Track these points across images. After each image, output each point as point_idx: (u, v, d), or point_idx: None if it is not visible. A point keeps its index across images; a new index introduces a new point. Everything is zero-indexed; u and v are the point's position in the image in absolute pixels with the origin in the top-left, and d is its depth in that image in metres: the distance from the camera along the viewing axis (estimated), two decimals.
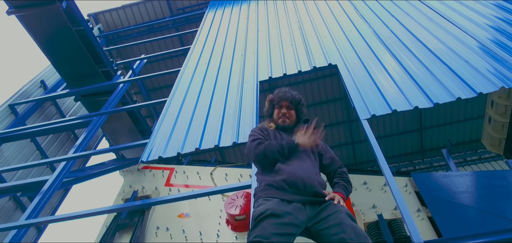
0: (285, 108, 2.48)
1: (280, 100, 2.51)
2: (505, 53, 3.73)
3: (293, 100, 2.51)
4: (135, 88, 8.82)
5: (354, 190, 3.35)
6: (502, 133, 3.95)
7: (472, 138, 9.51)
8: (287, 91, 2.55)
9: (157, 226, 3.66)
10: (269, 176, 2.18)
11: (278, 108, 2.51)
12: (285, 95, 2.51)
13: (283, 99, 2.50)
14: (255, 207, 2.08)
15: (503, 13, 4.54)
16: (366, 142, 3.01)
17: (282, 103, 2.50)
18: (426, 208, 2.94)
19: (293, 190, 2.07)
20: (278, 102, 2.52)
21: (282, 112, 2.47)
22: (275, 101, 2.54)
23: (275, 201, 2.02)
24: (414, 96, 3.50)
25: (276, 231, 1.84)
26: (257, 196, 2.17)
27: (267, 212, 1.92)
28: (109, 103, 5.87)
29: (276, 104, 2.53)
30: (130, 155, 5.63)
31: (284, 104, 2.49)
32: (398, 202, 2.48)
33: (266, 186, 2.15)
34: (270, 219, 1.89)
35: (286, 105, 2.49)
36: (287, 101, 2.49)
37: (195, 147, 3.71)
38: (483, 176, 3.18)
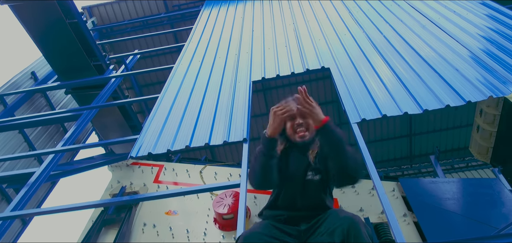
0: (299, 117, 2.03)
1: None
2: (495, 63, 3.79)
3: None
4: (127, 84, 8.74)
5: (342, 193, 3.36)
6: (489, 142, 4.01)
7: (460, 145, 9.65)
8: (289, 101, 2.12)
9: (144, 223, 3.63)
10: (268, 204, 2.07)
11: (290, 121, 2.04)
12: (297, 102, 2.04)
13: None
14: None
15: (494, 24, 4.61)
16: (355, 145, 3.02)
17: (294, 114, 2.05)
18: (412, 213, 2.96)
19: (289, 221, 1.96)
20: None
21: (297, 123, 2.01)
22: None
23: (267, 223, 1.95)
24: (404, 102, 3.53)
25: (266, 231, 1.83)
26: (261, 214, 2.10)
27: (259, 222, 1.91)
28: (100, 98, 5.80)
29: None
30: (119, 150, 5.57)
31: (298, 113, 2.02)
32: (385, 206, 2.49)
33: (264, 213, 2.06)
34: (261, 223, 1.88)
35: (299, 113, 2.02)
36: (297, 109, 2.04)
37: (185, 144, 3.69)
38: (469, 184, 3.22)
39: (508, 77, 3.51)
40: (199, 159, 4.82)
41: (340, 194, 3.38)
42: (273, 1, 7.39)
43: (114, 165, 4.49)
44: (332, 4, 6.57)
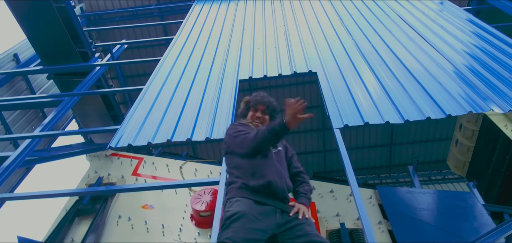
0: (260, 112, 2.45)
1: (257, 103, 2.48)
2: (477, 79, 3.86)
3: (270, 106, 2.49)
4: (112, 73, 8.55)
5: (320, 197, 3.36)
6: (467, 156, 4.09)
7: (439, 158, 9.85)
8: (265, 96, 2.54)
9: (119, 215, 3.55)
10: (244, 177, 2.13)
11: (253, 111, 2.47)
12: (262, 100, 2.49)
13: (260, 103, 2.47)
14: (228, 206, 2.04)
15: (480, 42, 4.71)
16: (337, 151, 3.04)
17: (258, 107, 2.47)
18: (387, 221, 2.98)
19: (268, 193, 2.05)
20: (254, 105, 2.49)
21: (257, 116, 2.44)
22: (251, 103, 2.51)
23: (249, 202, 1.99)
24: (387, 111, 3.56)
25: (247, 235, 1.82)
26: (231, 194, 2.11)
27: (239, 213, 1.89)
28: (83, 85, 5.67)
29: (251, 106, 2.50)
30: (99, 140, 5.44)
31: (260, 108, 2.46)
32: (361, 212, 2.50)
33: (242, 184, 2.10)
34: (242, 222, 1.86)
35: (262, 110, 2.46)
36: (263, 105, 2.47)
37: (166, 138, 3.63)
38: (444, 196, 3.27)
39: (489, 94, 3.59)
40: (180, 154, 4.75)
41: (318, 198, 3.38)
42: (266, 2, 7.38)
43: (92, 154, 4.38)
44: (324, 10, 6.61)
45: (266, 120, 2.45)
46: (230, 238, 1.80)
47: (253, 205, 1.97)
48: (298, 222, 1.98)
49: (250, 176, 2.11)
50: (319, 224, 3.06)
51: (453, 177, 9.37)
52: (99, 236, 3.46)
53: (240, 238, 1.80)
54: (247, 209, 1.93)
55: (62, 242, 3.57)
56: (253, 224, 1.87)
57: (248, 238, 1.81)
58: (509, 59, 4.18)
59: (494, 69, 4.00)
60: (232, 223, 1.87)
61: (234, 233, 1.81)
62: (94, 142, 5.35)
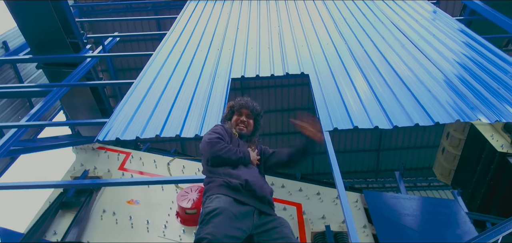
0: (245, 116, 2.51)
1: (241, 107, 2.53)
2: (466, 89, 3.91)
3: (254, 110, 2.55)
4: (102, 65, 8.43)
5: (307, 199, 3.36)
6: (452, 164, 4.14)
7: (425, 165, 9.97)
8: (249, 100, 2.59)
9: (103, 209, 3.50)
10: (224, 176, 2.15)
11: (237, 115, 2.53)
12: (247, 104, 2.55)
13: (244, 107, 2.53)
14: (207, 202, 2.04)
15: (470, 52, 4.77)
16: (325, 154, 3.05)
17: (242, 111, 2.53)
18: (372, 225, 3.00)
19: (247, 192, 2.06)
20: (238, 109, 2.54)
21: (241, 120, 2.49)
22: (235, 107, 2.56)
23: (228, 200, 1.99)
24: (376, 116, 3.58)
25: (227, 232, 1.82)
26: (211, 192, 2.11)
27: (219, 209, 1.88)
28: (73, 76, 5.58)
29: (236, 110, 2.55)
30: (86, 132, 5.35)
31: (244, 112, 2.52)
32: (346, 216, 2.50)
33: (223, 182, 2.11)
34: (222, 218, 1.85)
35: (246, 114, 2.52)
36: (247, 110, 2.53)
37: (155, 133, 3.59)
38: (429, 202, 3.30)
39: (476, 104, 3.63)
40: (168, 151, 4.70)
41: (304, 199, 3.38)
42: (261, 2, 7.37)
43: (79, 147, 4.30)
44: (318, 13, 6.63)
45: (250, 125, 2.51)
46: (210, 234, 1.78)
47: (233, 203, 1.98)
48: (275, 225, 2.00)
49: (228, 176, 2.13)
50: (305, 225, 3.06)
51: (439, 184, 9.51)
52: (82, 230, 3.41)
53: (221, 233, 1.78)
54: (226, 205, 1.93)
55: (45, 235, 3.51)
56: (233, 222, 1.87)
57: (228, 234, 1.81)
58: (497, 70, 4.24)
59: (483, 79, 4.05)
60: (212, 219, 1.86)
61: (215, 229, 1.80)
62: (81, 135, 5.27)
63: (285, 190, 3.30)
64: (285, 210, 3.34)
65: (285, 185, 3.64)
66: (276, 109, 9.21)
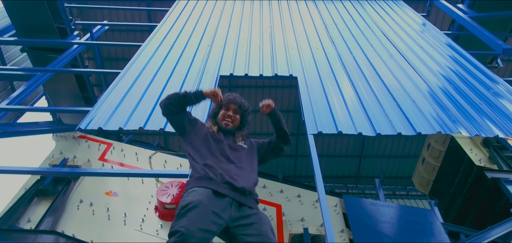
0: (231, 111, 2.51)
1: (229, 102, 2.52)
2: (449, 102, 3.98)
3: (242, 106, 2.55)
4: (89, 53, 8.25)
5: (287, 200, 3.37)
6: (431, 175, 4.22)
7: (405, 174, 10.13)
8: (237, 96, 2.60)
9: (80, 199, 3.42)
10: (203, 169, 2.15)
11: (224, 110, 2.52)
12: (235, 99, 2.55)
13: (232, 102, 2.53)
14: (184, 195, 2.03)
15: (455, 66, 4.86)
16: (308, 157, 3.06)
17: (230, 106, 2.52)
18: (349, 230, 3.02)
19: (226, 185, 2.06)
20: (226, 104, 2.52)
21: (228, 114, 2.49)
22: (223, 102, 2.54)
23: (207, 192, 1.99)
24: (361, 123, 3.61)
25: (202, 226, 1.80)
26: (189, 185, 2.13)
27: (193, 203, 1.87)
28: (58, 62, 5.46)
29: (223, 105, 2.54)
30: (68, 120, 5.23)
31: (232, 107, 2.52)
32: (325, 220, 2.51)
33: (202, 175, 2.12)
34: (197, 211, 1.84)
35: (234, 109, 2.52)
36: (235, 105, 2.52)
37: (139, 125, 3.54)
38: (406, 211, 3.35)
39: (458, 117, 3.70)
40: (151, 144, 4.65)
41: (285, 201, 3.39)
42: (254, 2, 7.36)
43: (59, 134, 4.20)
44: (310, 17, 6.66)
45: (237, 120, 2.51)
46: (184, 227, 1.76)
47: (210, 195, 1.98)
48: (254, 221, 1.99)
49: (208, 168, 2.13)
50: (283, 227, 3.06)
51: (417, 194, 9.69)
52: (57, 219, 3.32)
53: (195, 227, 1.77)
54: (203, 199, 1.92)
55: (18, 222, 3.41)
56: (209, 215, 1.86)
57: (202, 228, 1.80)
58: (481, 86, 4.34)
59: (466, 94, 4.14)
60: (187, 212, 1.85)
61: (189, 222, 1.79)
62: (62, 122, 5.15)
63: (266, 191, 3.30)
64: (265, 210, 3.34)
65: (267, 185, 3.63)
66: None
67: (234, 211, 2.00)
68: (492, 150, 3.79)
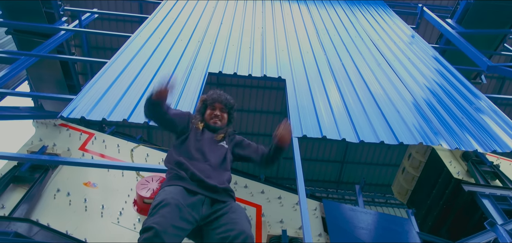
0: (218, 110, 2.51)
1: (214, 101, 2.52)
2: (432, 114, 4.05)
3: (227, 104, 2.55)
4: (76, 41, 8.05)
5: (268, 201, 3.37)
6: (410, 185, 4.30)
7: (384, 182, 10.27)
8: (222, 94, 2.59)
9: (58, 188, 3.35)
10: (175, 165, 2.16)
11: (211, 109, 2.51)
12: (219, 98, 2.54)
13: (218, 101, 2.52)
14: (158, 194, 2.02)
15: (440, 79, 4.96)
16: (290, 159, 3.07)
17: (215, 105, 2.51)
18: (327, 234, 3.05)
19: (196, 183, 2.06)
20: (211, 103, 2.52)
21: (215, 114, 2.49)
22: (208, 101, 2.54)
23: (179, 189, 1.98)
24: (345, 129, 3.64)
25: (174, 223, 1.80)
26: (164, 184, 2.13)
27: (165, 201, 1.86)
28: (44, 47, 5.34)
29: (209, 104, 2.53)
30: (50, 107, 5.10)
31: (218, 106, 2.51)
32: (304, 223, 2.52)
33: (174, 173, 2.12)
34: (168, 209, 1.83)
35: (220, 108, 2.52)
36: (221, 104, 2.52)
37: (123, 117, 3.49)
38: (383, 218, 3.40)
39: (440, 129, 3.77)
40: (133, 137, 4.58)
41: (265, 202, 3.39)
42: (247, 2, 7.35)
43: (40, 121, 4.10)
44: (302, 21, 6.69)
45: (224, 118, 2.51)
46: (157, 223, 1.75)
47: (182, 192, 1.97)
48: (224, 211, 1.99)
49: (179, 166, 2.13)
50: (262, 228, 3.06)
51: (395, 202, 9.84)
52: (32, 207, 3.24)
53: (168, 224, 1.76)
54: (175, 196, 1.91)
55: None
56: (181, 213, 1.85)
57: (175, 225, 1.79)
58: (464, 100, 4.43)
59: (449, 107, 4.22)
60: (160, 209, 1.83)
61: (162, 219, 1.78)
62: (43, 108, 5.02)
63: (247, 191, 3.29)
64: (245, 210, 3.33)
65: (248, 185, 3.63)
66: (249, 110, 9.23)
67: (206, 209, 2.00)
68: (471, 164, 3.88)
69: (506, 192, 3.41)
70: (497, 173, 3.83)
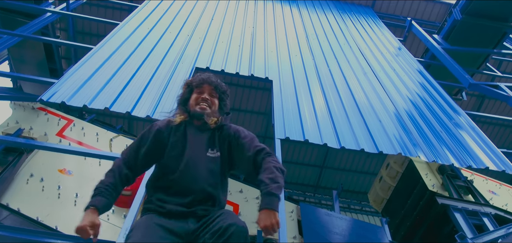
0: (207, 93, 1.93)
1: (203, 83, 1.96)
2: (412, 126, 4.14)
3: (219, 87, 1.99)
4: (62, 24, 7.86)
5: (245, 201, 3.38)
6: (386, 194, 4.40)
7: (361, 190, 10.44)
8: (211, 75, 2.02)
9: (31, 173, 3.26)
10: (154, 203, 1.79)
11: (198, 93, 1.94)
12: (209, 79, 1.98)
13: (207, 83, 1.97)
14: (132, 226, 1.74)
15: (422, 92, 5.07)
16: None
17: (204, 87, 1.95)
18: (301, 237, 3.07)
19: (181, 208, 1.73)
20: (199, 84, 1.96)
21: (203, 98, 1.92)
22: (194, 83, 1.98)
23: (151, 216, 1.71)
24: (327, 134, 3.68)
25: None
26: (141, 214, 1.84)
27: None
28: (28, 27, 5.20)
29: (195, 87, 1.96)
30: (29, 89, 4.97)
31: (207, 88, 1.95)
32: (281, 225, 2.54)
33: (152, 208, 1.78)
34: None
35: (209, 91, 1.95)
36: (210, 86, 1.96)
37: (105, 105, 3.43)
38: (358, 225, 3.45)
39: (419, 141, 3.85)
40: (113, 126, 4.50)
41: (242, 201, 3.39)
42: (240, 1, 7.33)
43: (18, 103, 3.99)
44: (293, 24, 6.72)
45: (215, 104, 1.96)
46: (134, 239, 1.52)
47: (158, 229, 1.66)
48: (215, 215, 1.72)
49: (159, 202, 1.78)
50: None
51: (370, 210, 10.02)
52: (4, 190, 3.14)
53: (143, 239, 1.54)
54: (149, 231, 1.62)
55: None
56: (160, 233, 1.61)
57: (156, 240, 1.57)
58: (444, 115, 4.54)
59: (429, 120, 4.32)
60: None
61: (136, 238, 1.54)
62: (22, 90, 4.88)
63: None
64: None
65: None
66: (234, 109, 9.23)
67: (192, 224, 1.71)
68: (446, 178, 3.99)
69: (478, 207, 3.51)
70: (470, 188, 3.94)
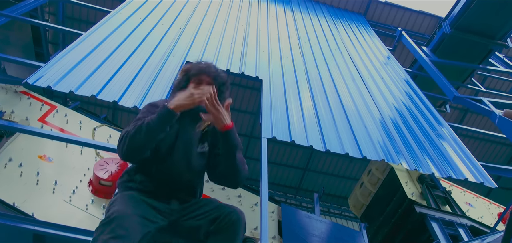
0: (205, 84, 1.87)
1: (201, 72, 1.90)
2: (397, 134, 4.20)
3: (218, 77, 1.94)
4: (51, 8, 7.71)
5: (227, 199, 3.38)
6: (366, 200, 4.46)
7: (342, 194, 10.57)
8: (210, 64, 1.96)
9: (10, 158, 3.18)
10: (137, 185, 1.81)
11: (196, 83, 1.88)
12: (208, 69, 1.92)
13: (205, 73, 1.90)
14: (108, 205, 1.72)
15: (408, 102, 5.16)
16: (256, 160, 3.09)
17: (202, 78, 1.88)
18: (280, 237, 3.10)
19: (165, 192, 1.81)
20: (197, 74, 1.90)
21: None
22: (192, 72, 1.92)
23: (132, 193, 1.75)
24: (313, 137, 3.71)
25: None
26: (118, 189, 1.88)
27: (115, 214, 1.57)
28: (16, 8, 5.09)
29: (193, 76, 1.91)
30: (13, 72, 4.84)
31: (205, 79, 1.88)
32: (263, 224, 2.56)
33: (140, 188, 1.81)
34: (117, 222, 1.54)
35: (208, 82, 1.87)
36: (209, 77, 1.90)
37: (92, 93, 3.38)
38: (336, 228, 3.50)
39: (402, 149, 3.92)
40: (97, 115, 4.43)
41: (225, 199, 3.39)
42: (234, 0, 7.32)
43: (0, 85, 3.90)
44: (286, 26, 6.76)
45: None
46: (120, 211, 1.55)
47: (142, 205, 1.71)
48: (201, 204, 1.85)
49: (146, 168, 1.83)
50: None
51: (349, 215, 10.15)
52: None
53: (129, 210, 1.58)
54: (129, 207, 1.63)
55: None
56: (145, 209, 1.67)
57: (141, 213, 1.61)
58: (427, 125, 4.63)
59: (413, 129, 4.39)
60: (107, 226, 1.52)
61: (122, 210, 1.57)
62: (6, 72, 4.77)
63: (208, 185, 3.27)
64: None
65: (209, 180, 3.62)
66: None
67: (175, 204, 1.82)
68: (425, 187, 4.07)
69: (454, 217, 3.60)
70: (448, 199, 4.03)
